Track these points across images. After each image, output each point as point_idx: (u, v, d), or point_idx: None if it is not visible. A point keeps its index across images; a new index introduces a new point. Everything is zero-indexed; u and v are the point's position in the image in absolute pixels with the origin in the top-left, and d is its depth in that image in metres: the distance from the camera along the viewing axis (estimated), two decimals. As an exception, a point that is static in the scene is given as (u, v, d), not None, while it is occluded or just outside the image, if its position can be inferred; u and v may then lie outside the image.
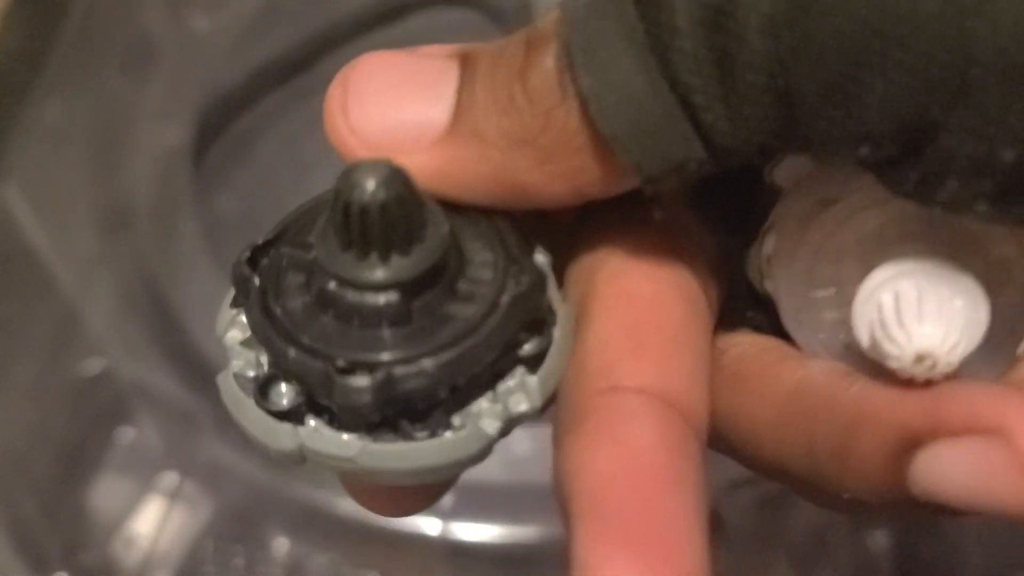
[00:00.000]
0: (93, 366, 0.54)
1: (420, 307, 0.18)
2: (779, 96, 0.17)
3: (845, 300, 0.19)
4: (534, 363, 0.19)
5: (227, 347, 0.20)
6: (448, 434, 0.18)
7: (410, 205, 0.18)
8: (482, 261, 0.19)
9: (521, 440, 0.49)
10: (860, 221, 0.20)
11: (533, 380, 0.19)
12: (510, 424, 0.19)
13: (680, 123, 0.17)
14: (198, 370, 0.53)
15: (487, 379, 0.19)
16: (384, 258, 0.18)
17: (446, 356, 0.18)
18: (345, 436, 0.18)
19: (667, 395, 0.18)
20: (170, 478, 0.51)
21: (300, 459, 0.19)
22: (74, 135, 0.60)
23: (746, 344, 0.21)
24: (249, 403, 0.19)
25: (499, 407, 0.19)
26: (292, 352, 0.18)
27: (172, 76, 0.61)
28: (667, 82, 0.17)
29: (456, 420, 0.19)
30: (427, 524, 0.50)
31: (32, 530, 0.50)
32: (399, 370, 0.18)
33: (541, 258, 0.20)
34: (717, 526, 0.18)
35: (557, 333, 0.19)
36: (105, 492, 0.51)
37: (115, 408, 0.53)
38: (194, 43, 0.63)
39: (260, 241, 0.20)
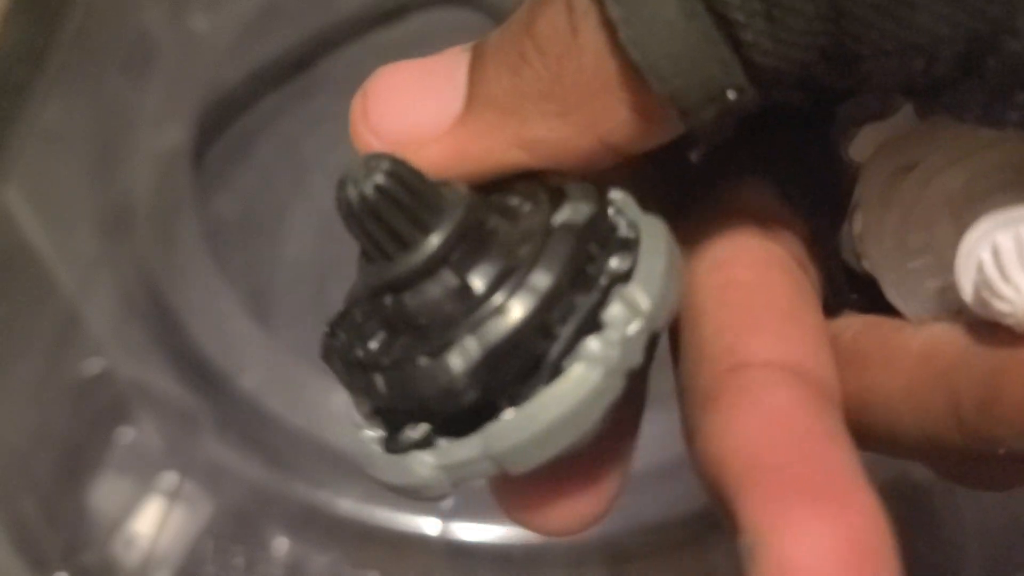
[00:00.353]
0: (93, 366, 0.54)
1: (478, 277, 0.18)
2: (825, 4, 0.16)
3: (944, 266, 0.19)
4: (630, 280, 0.18)
5: (358, 426, 0.19)
6: (566, 375, 0.17)
7: (409, 179, 0.17)
8: (527, 211, 0.19)
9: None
10: (943, 182, 0.19)
11: (632, 289, 0.17)
12: (630, 346, 0.17)
13: (718, 46, 0.17)
14: (198, 370, 0.53)
15: (586, 316, 0.17)
16: (412, 243, 0.18)
17: (519, 294, 0.17)
18: (470, 437, 0.18)
19: (793, 366, 0.18)
20: (170, 478, 0.51)
21: (446, 486, 0.18)
22: (74, 135, 0.60)
23: (858, 324, 0.20)
24: (381, 454, 0.19)
25: (610, 333, 0.17)
26: (378, 379, 0.18)
27: (172, 76, 0.61)
28: (703, 1, 0.16)
29: (567, 364, 0.17)
30: (427, 524, 0.50)
31: (32, 530, 0.50)
32: (476, 335, 0.17)
33: (616, 194, 0.19)
34: (717, 526, 0.17)
35: (645, 241, 0.18)
36: (105, 492, 0.51)
37: (115, 408, 0.53)
38: (194, 43, 0.63)
39: (335, 316, 0.20)
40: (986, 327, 0.18)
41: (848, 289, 0.21)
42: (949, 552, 0.49)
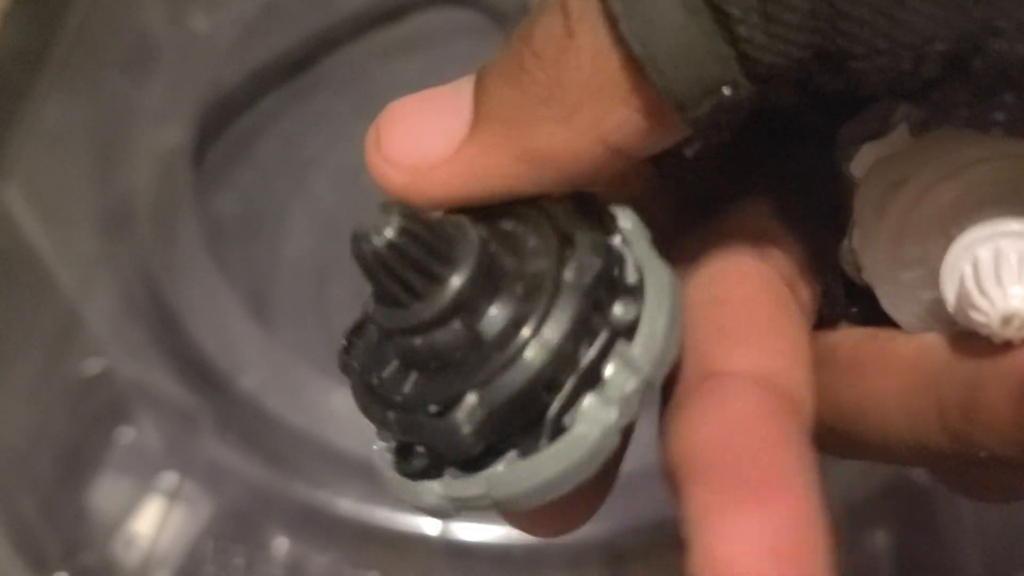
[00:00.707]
0: (93, 366, 0.54)
1: (486, 324, 0.18)
2: (820, 1, 0.16)
3: (935, 278, 0.19)
4: (632, 333, 0.18)
5: (374, 436, 0.20)
6: (566, 436, 0.18)
7: (420, 234, 0.18)
8: (535, 252, 0.19)
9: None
10: (935, 196, 0.20)
11: (632, 350, 0.18)
12: (627, 404, 0.18)
13: (714, 41, 0.17)
14: (198, 370, 0.53)
15: (586, 371, 0.18)
16: (422, 295, 0.18)
17: (528, 352, 0.18)
18: (475, 475, 0.18)
19: (764, 377, 0.19)
20: (170, 478, 0.52)
21: (450, 511, 0.19)
22: (74, 135, 0.60)
23: (857, 335, 0.21)
24: (392, 473, 0.20)
25: (610, 391, 0.18)
26: (391, 415, 0.19)
27: (172, 76, 0.61)
28: None
29: (567, 420, 0.18)
30: (427, 524, 0.50)
31: (32, 530, 0.50)
32: (483, 392, 0.18)
33: (626, 222, 0.19)
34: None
35: (650, 294, 0.19)
36: (105, 492, 0.51)
37: (115, 408, 0.53)
38: (194, 43, 0.63)
39: (352, 326, 0.20)
40: (971, 337, 0.19)
41: (846, 303, 0.22)
42: (949, 552, 0.49)
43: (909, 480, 0.50)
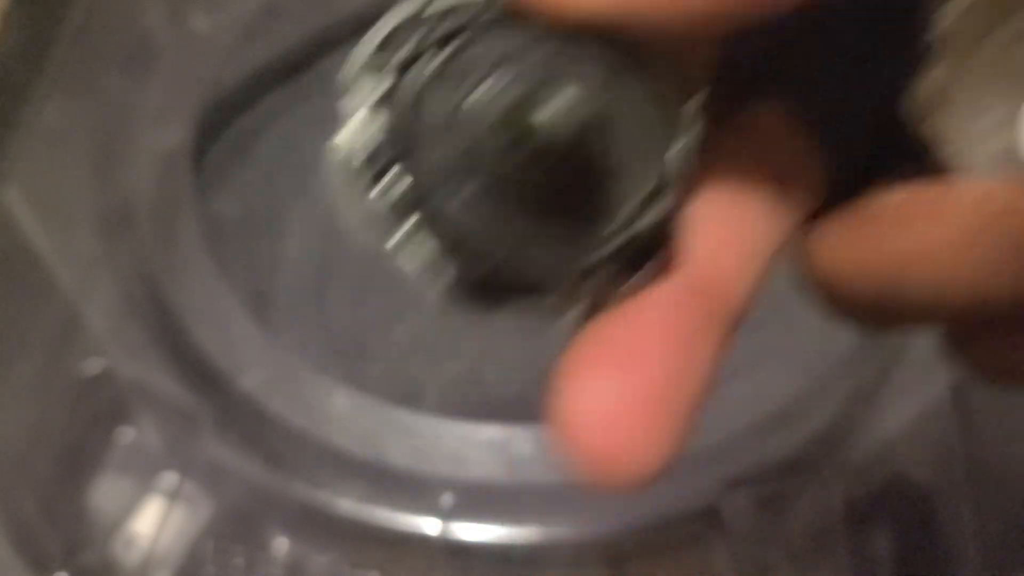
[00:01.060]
0: (93, 366, 0.54)
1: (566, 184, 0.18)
2: None
3: (1016, 117, 0.19)
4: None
5: (353, 91, 0.19)
6: None
7: (592, 138, 0.18)
8: (634, 154, 0.19)
9: (522, 440, 0.49)
10: None
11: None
12: None
13: None
14: (198, 370, 0.53)
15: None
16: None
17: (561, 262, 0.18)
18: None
19: (698, 268, 0.19)
20: (170, 478, 0.51)
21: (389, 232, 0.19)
22: (74, 135, 0.60)
23: (907, 190, 0.20)
24: (353, 187, 0.18)
25: None
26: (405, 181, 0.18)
27: (172, 76, 0.61)
28: None
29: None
30: (427, 524, 0.50)
31: (32, 530, 0.50)
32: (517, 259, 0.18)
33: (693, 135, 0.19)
34: (717, 526, 0.18)
35: None
36: (105, 492, 0.51)
37: (115, 408, 0.53)
38: (194, 43, 0.63)
39: (406, 57, 0.19)
40: None
41: (891, 167, 0.21)
42: (949, 552, 0.49)
43: (909, 480, 0.50)
